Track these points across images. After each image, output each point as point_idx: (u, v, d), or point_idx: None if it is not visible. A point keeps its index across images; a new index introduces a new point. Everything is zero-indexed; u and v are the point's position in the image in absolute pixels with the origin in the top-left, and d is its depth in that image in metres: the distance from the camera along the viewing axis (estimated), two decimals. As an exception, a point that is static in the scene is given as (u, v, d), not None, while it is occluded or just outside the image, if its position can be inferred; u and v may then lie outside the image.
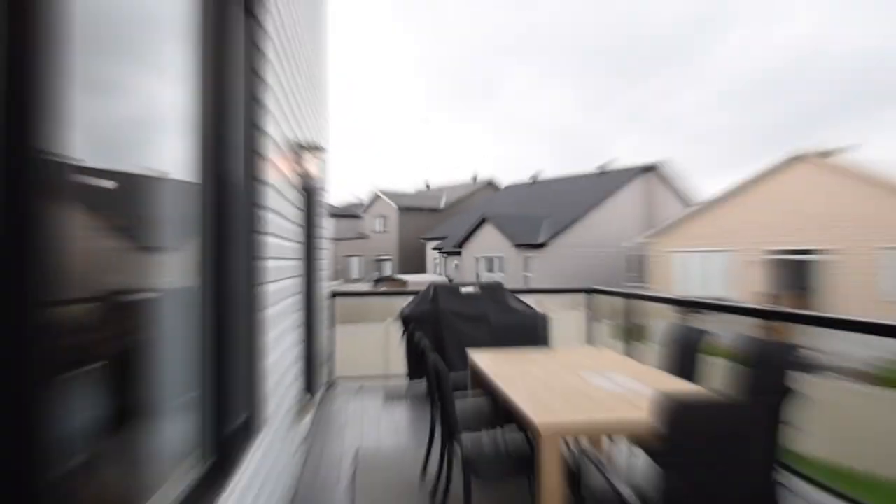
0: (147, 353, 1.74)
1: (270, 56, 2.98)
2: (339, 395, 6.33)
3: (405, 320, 6.07)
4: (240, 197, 2.55)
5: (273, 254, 3.01)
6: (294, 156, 4.06)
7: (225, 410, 2.07)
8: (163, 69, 1.89)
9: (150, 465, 1.74)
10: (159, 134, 1.88)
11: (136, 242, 1.76)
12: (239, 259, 2.49)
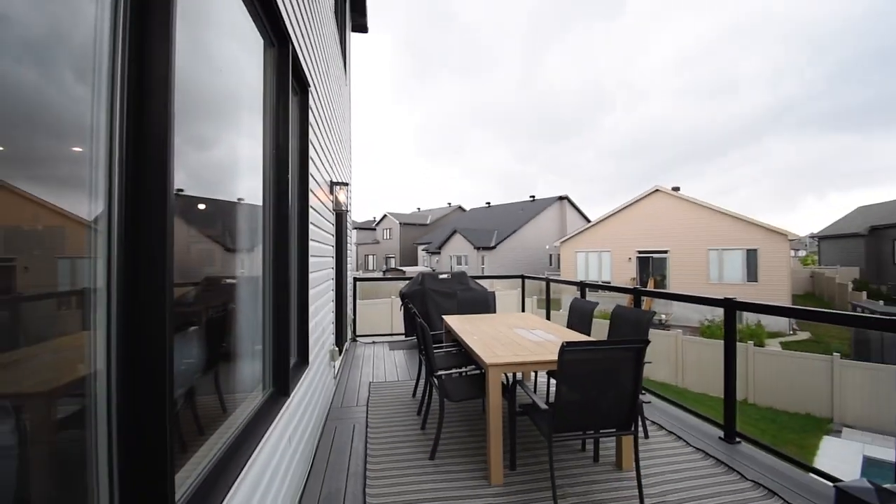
0: (230, 319, 1.74)
1: (312, 122, 2.97)
2: (359, 347, 6.27)
3: (403, 296, 6.06)
4: (293, 215, 2.54)
5: (314, 253, 3.00)
6: (328, 188, 4.04)
7: (281, 356, 2.07)
8: (244, 131, 1.89)
9: (231, 393, 1.73)
10: (242, 174, 1.87)
11: (223, 245, 1.75)
12: (292, 256, 2.48)
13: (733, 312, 3.18)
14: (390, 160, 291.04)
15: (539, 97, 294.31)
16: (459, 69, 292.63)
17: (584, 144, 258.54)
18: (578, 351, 2.17)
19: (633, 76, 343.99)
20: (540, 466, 2.75)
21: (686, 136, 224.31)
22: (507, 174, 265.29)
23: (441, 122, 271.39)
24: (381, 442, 3.11)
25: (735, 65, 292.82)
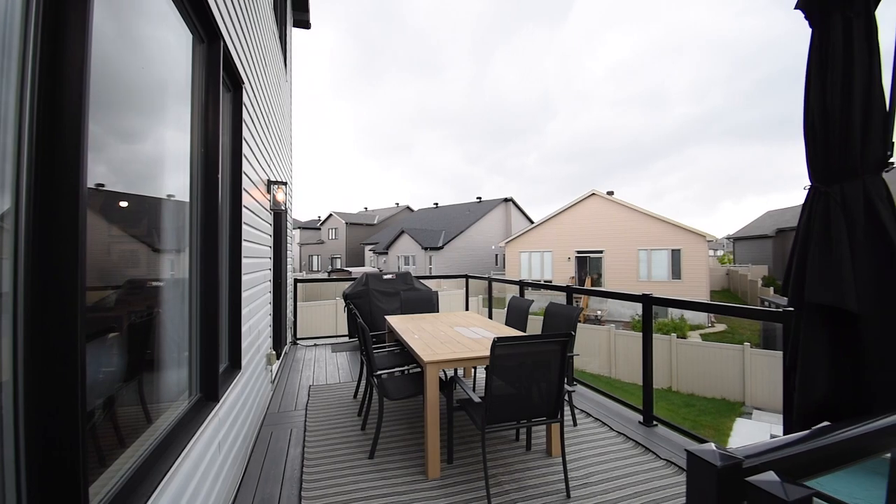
0: (155, 324, 1.68)
1: (246, 120, 2.89)
2: (300, 350, 6.12)
3: (346, 297, 5.99)
4: (224, 215, 2.48)
5: (249, 254, 2.92)
6: (265, 187, 3.93)
7: (210, 361, 2.01)
8: (171, 127, 1.82)
9: (155, 401, 1.67)
10: (169, 171, 1.80)
11: (149, 245, 1.69)
12: (223, 257, 2.42)
13: (650, 307, 3.49)
14: (337, 159, 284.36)
15: (487, 100, 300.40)
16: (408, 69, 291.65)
17: (530, 148, 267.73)
18: (508, 346, 2.30)
19: (575, 84, 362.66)
20: (476, 458, 2.87)
21: (622, 142, 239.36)
22: (455, 175, 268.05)
23: (389, 122, 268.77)
24: (320, 445, 3.09)
25: (666, 77, 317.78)
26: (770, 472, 0.65)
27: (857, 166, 1.69)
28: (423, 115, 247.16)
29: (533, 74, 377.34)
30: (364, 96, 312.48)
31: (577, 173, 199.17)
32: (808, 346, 1.74)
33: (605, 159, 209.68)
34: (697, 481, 0.69)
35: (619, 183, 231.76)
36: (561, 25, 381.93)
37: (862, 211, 1.66)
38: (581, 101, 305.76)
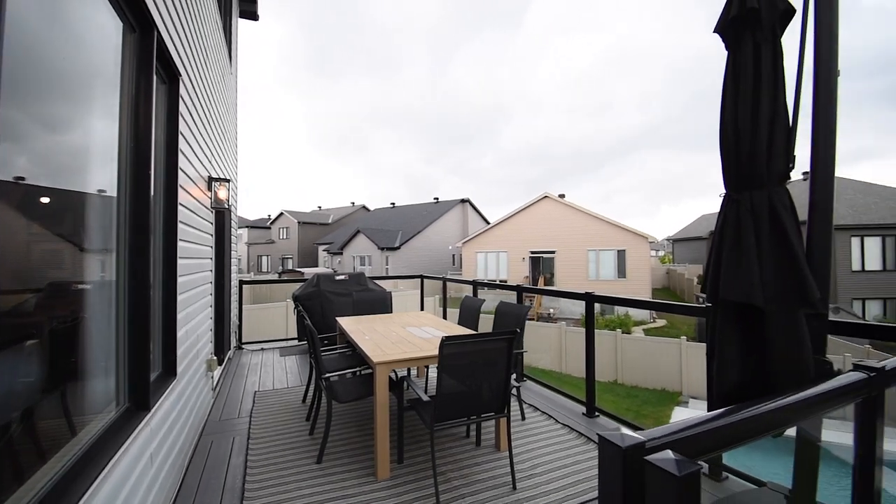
0: (79, 330, 1.57)
1: (183, 113, 2.76)
2: (245, 354, 5.88)
3: (296, 299, 5.82)
4: (157, 213, 2.35)
5: (185, 254, 2.78)
6: (206, 184, 3.75)
7: (139, 368, 1.91)
8: (98, 120, 1.71)
9: (80, 413, 1.57)
10: (96, 168, 1.69)
11: (70, 244, 1.58)
12: (156, 258, 2.30)
13: (592, 305, 3.68)
14: (289, 157, 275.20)
15: (445, 101, 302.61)
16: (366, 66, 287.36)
17: (486, 150, 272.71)
18: (456, 344, 2.35)
19: (529, 90, 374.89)
20: (426, 457, 2.90)
21: (573, 148, 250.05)
22: (412, 175, 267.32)
23: (345, 120, 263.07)
24: (264, 452, 3.00)
25: (613, 87, 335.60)
26: (667, 451, 0.73)
27: (763, 177, 1.89)
28: (380, 113, 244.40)
29: (489, 78, 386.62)
30: (318, 92, 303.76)
31: (532, 176, 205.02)
32: (723, 338, 1.92)
33: (557, 163, 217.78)
34: (607, 461, 0.76)
35: (571, 186, 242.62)
36: (516, 32, 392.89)
37: (767, 217, 1.86)
38: (534, 106, 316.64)
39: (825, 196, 1.92)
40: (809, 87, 1.99)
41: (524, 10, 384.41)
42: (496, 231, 26.19)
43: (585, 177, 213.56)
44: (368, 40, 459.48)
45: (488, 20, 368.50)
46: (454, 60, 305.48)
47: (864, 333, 2.15)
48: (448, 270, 32.47)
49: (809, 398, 1.20)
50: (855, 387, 1.28)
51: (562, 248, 23.58)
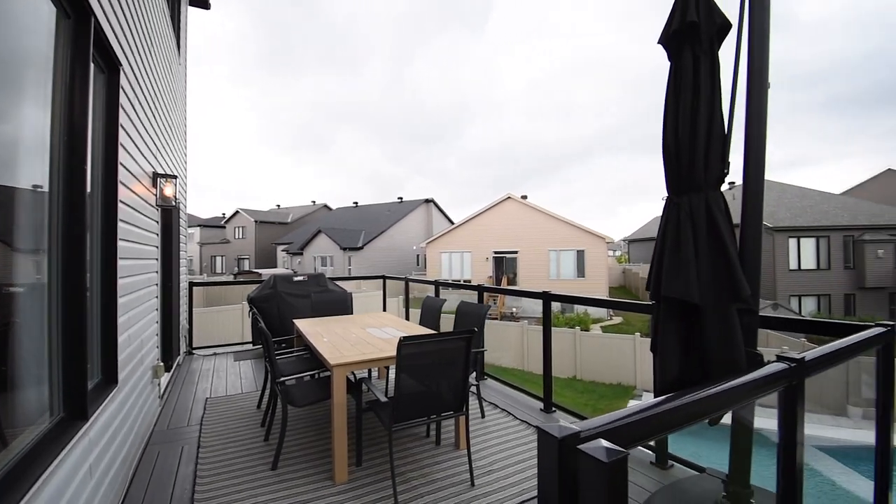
0: (7, 336, 1.46)
1: (125, 105, 2.62)
2: (196, 360, 5.63)
3: (252, 301, 5.64)
4: (95, 211, 2.22)
5: (127, 254, 2.63)
6: (150, 180, 3.57)
7: (75, 376, 1.80)
8: (27, 112, 1.59)
9: (8, 424, 1.46)
10: (25, 162, 1.57)
11: (6, 244, 1.46)
12: (94, 258, 2.17)
13: (549, 303, 3.80)
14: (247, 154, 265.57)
15: (409, 100, 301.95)
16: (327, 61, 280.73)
17: (450, 150, 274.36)
18: (414, 344, 2.37)
19: (492, 92, 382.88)
20: (385, 458, 2.90)
21: (536, 150, 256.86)
22: (376, 174, 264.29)
23: (305, 116, 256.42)
24: (215, 461, 2.90)
25: (574, 93, 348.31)
26: (599, 439, 0.78)
27: (700, 182, 2.02)
28: (342, 110, 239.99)
29: (453, 78, 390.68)
30: (276, 87, 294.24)
31: (496, 177, 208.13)
32: (665, 333, 2.04)
33: (520, 165, 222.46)
34: (544, 451, 0.80)
35: (533, 188, 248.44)
36: (479, 34, 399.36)
37: (704, 220, 1.99)
38: (498, 108, 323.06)
39: (756, 200, 2.07)
40: (743, 98, 2.16)
41: (488, 12, 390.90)
42: (460, 231, 26.38)
43: (547, 179, 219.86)
44: (327, 35, 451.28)
45: (452, 20, 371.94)
46: (417, 58, 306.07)
47: (790, 327, 2.35)
48: (412, 271, 32.39)
49: (738, 387, 1.30)
50: (778, 376, 1.39)
51: (524, 248, 24.07)
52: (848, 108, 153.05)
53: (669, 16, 2.17)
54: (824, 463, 8.60)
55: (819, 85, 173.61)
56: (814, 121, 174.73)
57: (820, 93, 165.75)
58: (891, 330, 1.92)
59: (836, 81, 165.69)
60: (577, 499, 0.76)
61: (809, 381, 1.61)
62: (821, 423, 10.13)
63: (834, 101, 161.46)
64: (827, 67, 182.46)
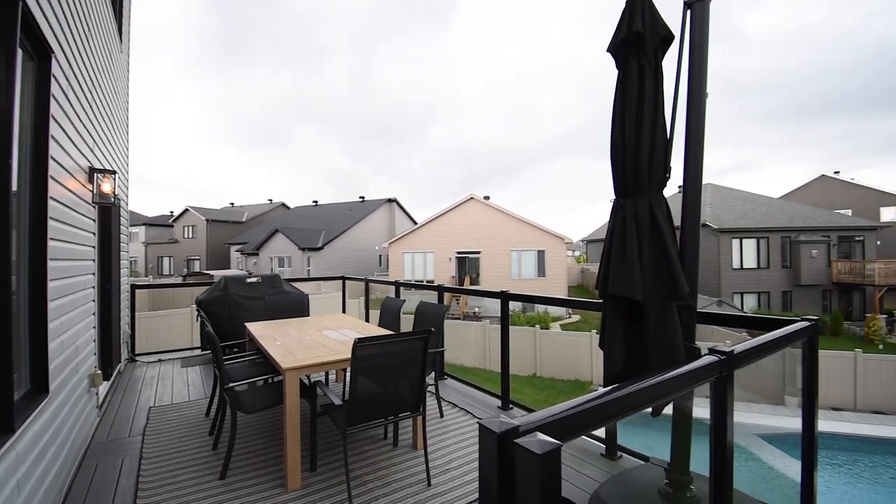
0: None
1: (57, 95, 2.44)
2: (140, 367, 5.32)
3: (200, 305, 5.39)
4: (23, 209, 2.07)
5: (58, 255, 2.46)
6: (86, 176, 3.35)
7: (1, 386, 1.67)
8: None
9: None
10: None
11: None
12: (21, 259, 2.02)
13: (506, 302, 3.89)
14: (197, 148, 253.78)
15: (371, 98, 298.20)
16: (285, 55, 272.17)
17: (414, 150, 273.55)
18: (369, 346, 2.36)
19: (456, 92, 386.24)
20: (341, 462, 2.87)
21: (499, 151, 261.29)
22: (338, 173, 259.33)
23: (263, 111, 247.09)
24: (159, 472, 2.76)
25: (536, 96, 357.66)
26: (536, 433, 0.82)
27: (644, 185, 2.14)
28: (301, 106, 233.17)
29: (417, 78, 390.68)
30: (232, 79, 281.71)
31: (459, 178, 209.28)
32: (611, 329, 2.15)
33: (483, 165, 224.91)
34: (485, 446, 0.83)
35: (496, 188, 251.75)
36: (443, 34, 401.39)
37: (647, 222, 2.11)
38: (462, 109, 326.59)
39: (694, 203, 2.22)
40: (684, 106, 2.30)
41: (451, 11, 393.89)
42: (423, 231, 26.37)
43: (509, 180, 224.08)
44: (286, 27, 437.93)
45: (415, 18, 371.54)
46: (380, 56, 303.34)
47: (725, 322, 2.53)
48: (374, 271, 32.05)
49: (673, 378, 1.38)
50: (710, 368, 1.50)
51: (487, 248, 24.39)
52: (789, 117, 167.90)
53: (617, 26, 2.28)
54: (764, 449, 9.26)
55: (761, 96, 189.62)
56: (759, 128, 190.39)
57: (766, 102, 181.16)
58: (814, 325, 2.11)
59: (780, 92, 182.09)
60: (513, 491, 0.80)
61: (753, 374, 1.76)
62: (761, 412, 10.90)
63: (777, 110, 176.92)
64: (771, 78, 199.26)
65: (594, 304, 3.02)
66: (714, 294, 20.45)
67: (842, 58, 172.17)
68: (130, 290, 5.80)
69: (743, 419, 10.50)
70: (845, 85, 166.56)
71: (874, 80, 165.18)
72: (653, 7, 2.23)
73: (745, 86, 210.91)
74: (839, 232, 21.97)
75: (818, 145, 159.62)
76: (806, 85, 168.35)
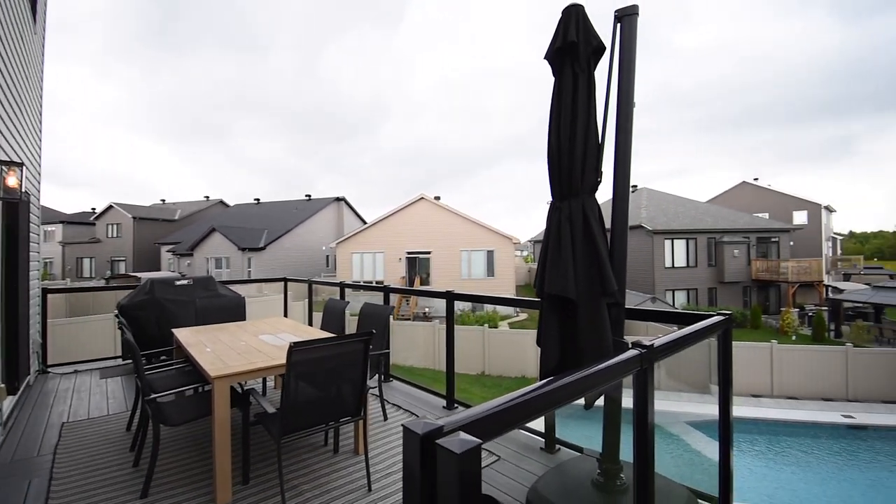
0: None
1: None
2: (52, 379, 4.82)
3: (122, 310, 4.97)
4: None
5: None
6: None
7: None
8: None
9: None
10: None
11: None
12: None
13: (451, 302, 3.92)
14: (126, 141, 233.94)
15: (319, 93, 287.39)
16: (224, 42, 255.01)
17: (364, 148, 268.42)
18: (307, 349, 2.29)
19: (407, 92, 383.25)
20: (276, 472, 2.76)
21: (450, 151, 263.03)
22: (283, 170, 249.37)
23: (198, 101, 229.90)
24: (72, 493, 2.52)
25: (487, 99, 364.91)
26: (459, 432, 0.83)
27: (578, 188, 2.24)
28: (241, 99, 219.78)
29: (368, 75, 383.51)
30: (163, 66, 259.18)
31: (411, 178, 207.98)
32: (547, 325, 2.23)
33: (436, 166, 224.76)
34: (408, 448, 0.83)
35: (446, 189, 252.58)
36: (394, 32, 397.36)
37: (581, 223, 2.21)
38: (414, 108, 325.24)
39: (622, 205, 2.35)
40: (614, 114, 2.43)
41: (402, 9, 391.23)
42: (373, 231, 26.01)
43: (460, 180, 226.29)
44: (223, 14, 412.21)
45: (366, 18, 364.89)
46: (329, 51, 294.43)
47: (648, 318, 2.70)
48: (321, 272, 31.18)
49: (598, 372, 1.45)
50: (633, 361, 1.59)
51: (437, 248, 24.50)
52: (716, 127, 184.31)
53: (554, 34, 2.37)
54: (691, 435, 10.01)
55: (693, 107, 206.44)
56: (690, 137, 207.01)
57: (697, 112, 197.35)
58: (727, 318, 2.30)
59: (708, 103, 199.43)
60: (435, 492, 0.80)
61: (684, 366, 1.88)
62: (690, 400, 11.78)
63: (706, 119, 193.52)
64: (701, 90, 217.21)
65: (535, 302, 3.12)
66: (648, 291, 21.85)
67: (763, 74, 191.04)
68: (42, 294, 5.25)
69: (674, 408, 11.31)
70: (766, 99, 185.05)
71: (791, 96, 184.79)
72: (587, 19, 2.33)
73: (679, 97, 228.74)
74: (758, 233, 24.26)
75: (740, 154, 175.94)
76: (730, 97, 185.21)
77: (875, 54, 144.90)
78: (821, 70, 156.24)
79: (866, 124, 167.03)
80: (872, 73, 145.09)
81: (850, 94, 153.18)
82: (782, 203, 32.95)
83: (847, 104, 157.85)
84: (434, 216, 24.73)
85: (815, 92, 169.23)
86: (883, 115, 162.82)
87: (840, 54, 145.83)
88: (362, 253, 26.07)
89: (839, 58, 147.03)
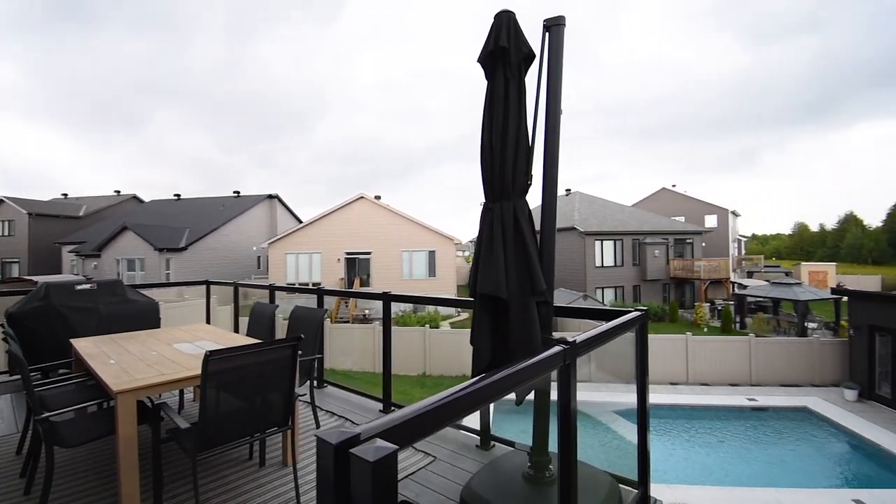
0: None
1: None
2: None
3: (11, 318, 4.37)
4: None
5: None
6: None
7: None
8: None
9: None
10: None
11: None
12: None
13: (388, 303, 3.88)
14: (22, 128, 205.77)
15: (250, 85, 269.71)
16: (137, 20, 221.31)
17: (300, 144, 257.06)
18: (225, 358, 2.14)
19: (346, 88, 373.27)
20: (192, 492, 2.56)
21: (390, 151, 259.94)
22: (208, 164, 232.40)
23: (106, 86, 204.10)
24: (-66, 537, 2.16)
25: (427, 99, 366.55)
26: (376, 439, 0.81)
27: (509, 190, 2.30)
28: (158, 86, 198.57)
29: (303, 68, 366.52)
30: (65, 43, 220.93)
31: (349, 176, 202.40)
32: (480, 324, 2.27)
33: (377, 165, 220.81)
34: (321, 459, 0.79)
35: (387, 188, 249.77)
36: (332, 26, 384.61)
37: (512, 224, 2.27)
38: (352, 106, 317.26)
39: (551, 207, 2.44)
40: (543, 119, 2.52)
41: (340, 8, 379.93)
42: (309, 231, 25.09)
43: (401, 180, 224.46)
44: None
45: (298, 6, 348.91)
46: (260, 40, 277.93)
47: (574, 315, 2.85)
48: (252, 275, 29.54)
49: (524, 368, 1.49)
50: (557, 357, 1.65)
51: (378, 248, 24.16)
52: (640, 135, 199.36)
53: (486, 38, 2.41)
54: (618, 422, 10.71)
55: (621, 115, 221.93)
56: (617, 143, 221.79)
57: (623, 121, 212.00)
58: (644, 314, 2.47)
59: (632, 113, 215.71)
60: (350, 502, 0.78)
61: (613, 358, 1.99)
62: (617, 390, 12.60)
63: (632, 128, 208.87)
64: (624, 100, 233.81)
65: (470, 302, 3.16)
66: (581, 289, 23.10)
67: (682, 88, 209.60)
68: None
69: (605, 398, 12.03)
70: (683, 111, 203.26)
71: (705, 110, 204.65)
72: (517, 25, 2.40)
73: (608, 106, 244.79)
74: (675, 235, 26.56)
75: (661, 161, 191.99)
76: (653, 108, 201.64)
77: (777, 77, 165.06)
78: (732, 88, 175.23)
79: (768, 138, 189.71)
80: (776, 92, 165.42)
81: (755, 110, 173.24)
82: (696, 208, 36.40)
83: (753, 120, 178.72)
84: (374, 216, 24.37)
85: (726, 107, 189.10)
86: (783, 131, 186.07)
87: (748, 75, 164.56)
88: (297, 253, 25.06)
89: (747, 78, 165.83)
